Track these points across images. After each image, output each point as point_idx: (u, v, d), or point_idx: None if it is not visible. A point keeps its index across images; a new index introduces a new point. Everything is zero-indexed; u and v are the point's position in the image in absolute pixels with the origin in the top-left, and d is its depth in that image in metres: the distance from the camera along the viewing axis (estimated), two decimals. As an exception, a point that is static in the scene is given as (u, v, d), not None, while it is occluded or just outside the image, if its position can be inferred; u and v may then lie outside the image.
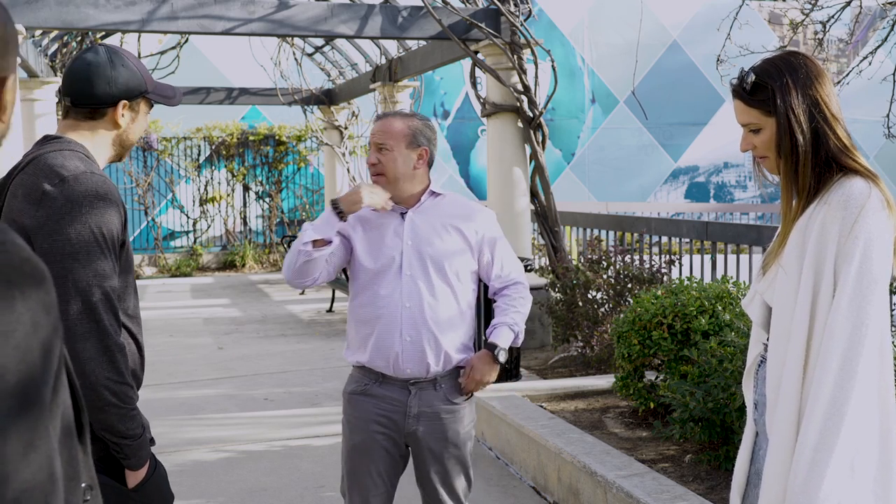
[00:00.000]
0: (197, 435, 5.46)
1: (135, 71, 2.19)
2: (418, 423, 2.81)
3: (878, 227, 1.95)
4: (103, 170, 2.25)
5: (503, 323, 2.89)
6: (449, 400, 2.84)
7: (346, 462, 2.88)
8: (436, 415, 2.83)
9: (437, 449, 2.84)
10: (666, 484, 3.69)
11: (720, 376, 3.85)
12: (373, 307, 2.80)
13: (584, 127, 17.21)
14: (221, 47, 15.01)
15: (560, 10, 16.78)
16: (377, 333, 2.78)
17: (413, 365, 2.78)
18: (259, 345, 8.36)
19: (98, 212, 2.02)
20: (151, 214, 14.81)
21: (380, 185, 2.82)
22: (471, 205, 2.96)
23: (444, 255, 2.82)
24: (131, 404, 2.04)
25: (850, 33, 7.43)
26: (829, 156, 2.01)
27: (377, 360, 2.80)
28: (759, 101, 2.06)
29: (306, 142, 15.29)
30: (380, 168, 2.81)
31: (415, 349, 2.78)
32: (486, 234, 2.90)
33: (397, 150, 2.80)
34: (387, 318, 2.78)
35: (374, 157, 2.82)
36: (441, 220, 2.86)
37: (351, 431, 2.86)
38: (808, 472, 1.89)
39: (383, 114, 2.90)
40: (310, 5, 7.52)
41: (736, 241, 6.02)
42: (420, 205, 2.86)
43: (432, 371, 2.81)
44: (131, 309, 2.19)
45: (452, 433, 2.85)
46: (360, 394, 2.85)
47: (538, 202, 7.59)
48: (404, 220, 2.84)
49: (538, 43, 7.33)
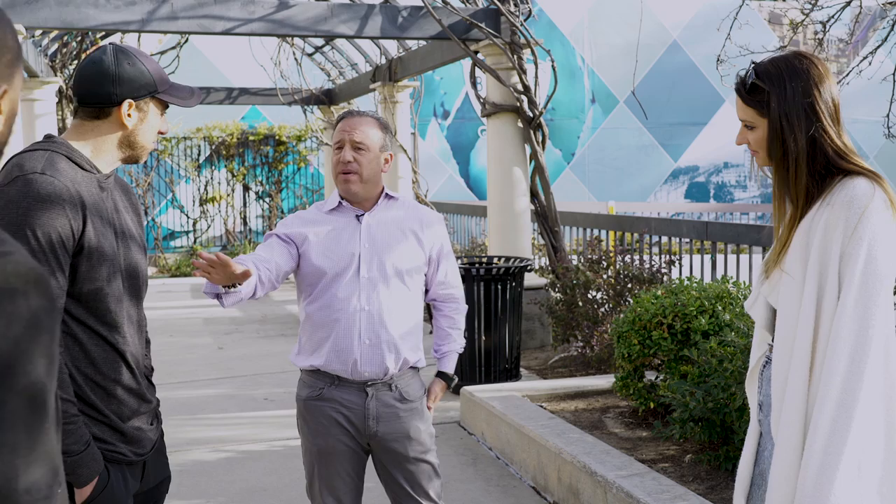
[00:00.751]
0: (197, 435, 5.46)
1: (143, 70, 2.13)
2: (378, 424, 2.80)
3: (882, 227, 1.94)
4: (115, 171, 2.19)
5: (452, 351, 3.01)
6: (405, 398, 2.85)
7: (312, 466, 2.86)
8: (394, 413, 2.82)
9: (400, 449, 2.83)
10: (666, 484, 3.69)
11: (720, 376, 3.85)
12: (329, 310, 2.76)
13: (584, 127, 17.21)
14: (221, 47, 15.01)
15: (560, 10, 16.78)
16: (334, 337, 2.76)
17: (372, 367, 2.77)
18: (259, 345, 8.36)
19: (37, 214, 1.94)
20: (151, 214, 14.81)
21: (351, 183, 2.77)
22: (424, 210, 2.96)
23: (401, 258, 2.82)
24: (67, 419, 1.95)
25: (850, 33, 7.43)
26: (827, 161, 2.01)
27: (334, 363, 2.77)
28: (755, 101, 2.07)
29: (306, 142, 15.29)
30: (354, 167, 2.77)
31: (374, 352, 2.76)
32: (439, 242, 2.92)
33: (373, 151, 2.79)
34: (345, 321, 2.75)
35: (350, 156, 2.76)
36: (397, 223, 2.85)
37: (313, 437, 2.83)
38: (819, 474, 1.88)
39: (355, 112, 2.86)
40: (310, 5, 7.52)
41: (736, 241, 6.02)
42: (376, 207, 2.85)
43: (390, 373, 2.80)
44: (110, 315, 2.10)
45: (414, 430, 2.84)
46: (317, 399, 2.82)
47: (538, 202, 7.59)
48: (360, 223, 2.82)
49: (538, 43, 7.33)
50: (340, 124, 2.82)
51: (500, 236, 7.55)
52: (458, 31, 7.47)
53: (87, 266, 2.03)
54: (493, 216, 7.68)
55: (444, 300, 3.00)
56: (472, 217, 11.48)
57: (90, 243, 2.03)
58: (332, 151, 2.85)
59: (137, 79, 2.13)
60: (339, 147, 2.80)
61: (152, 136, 2.21)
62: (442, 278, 2.95)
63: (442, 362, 3.00)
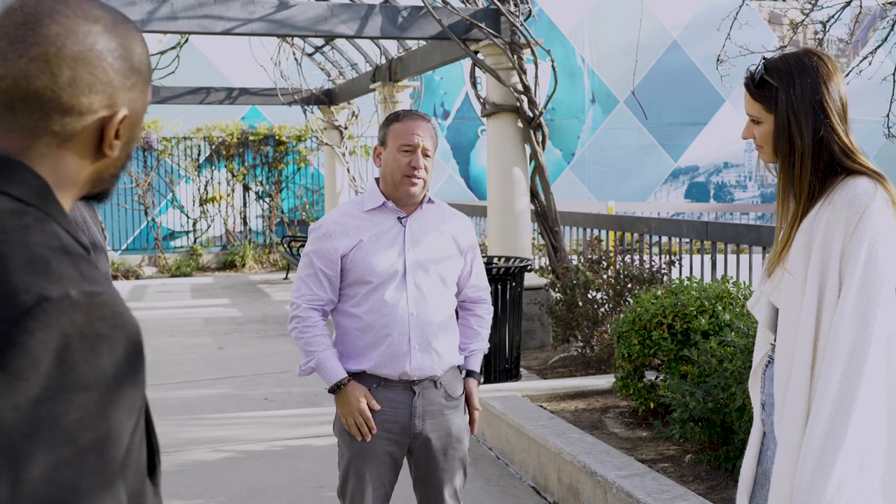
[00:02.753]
0: (197, 435, 5.46)
1: None
2: (424, 422, 2.83)
3: (883, 227, 1.94)
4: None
5: (480, 350, 3.01)
6: (449, 395, 2.88)
7: (348, 467, 2.85)
8: (440, 411, 2.85)
9: (441, 446, 2.86)
10: (666, 484, 3.69)
11: (720, 376, 3.85)
12: (377, 315, 2.78)
13: (584, 127, 17.21)
14: (221, 47, 15.01)
15: (560, 10, 16.78)
16: (387, 342, 2.77)
17: (420, 370, 2.81)
18: (259, 345, 8.35)
19: None
20: (151, 214, 14.81)
21: (417, 186, 2.78)
22: (457, 213, 3.00)
23: (443, 262, 2.85)
24: None
25: (850, 33, 7.43)
26: (832, 159, 2.01)
27: (385, 367, 2.79)
28: (763, 96, 2.07)
29: (306, 142, 15.29)
30: (423, 175, 2.78)
31: (424, 356, 2.80)
32: (471, 244, 2.97)
33: (433, 158, 2.84)
34: (395, 325, 2.77)
35: (421, 162, 2.77)
36: (437, 227, 2.88)
37: (354, 438, 2.83)
38: (814, 472, 1.89)
39: (418, 115, 2.84)
40: (310, 5, 7.52)
41: (736, 241, 6.02)
42: (418, 211, 2.86)
43: (436, 373, 2.84)
44: None
45: (456, 427, 2.88)
46: None
47: (538, 202, 7.59)
48: (404, 227, 2.83)
49: (538, 43, 7.33)
50: (410, 126, 2.79)
51: (500, 236, 7.55)
52: (458, 31, 7.47)
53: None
54: (493, 216, 7.68)
55: (475, 301, 3.02)
56: (472, 217, 11.48)
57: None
58: (392, 149, 2.80)
59: None
60: (407, 150, 2.77)
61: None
62: (474, 280, 2.99)
63: (470, 361, 2.98)
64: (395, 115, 2.87)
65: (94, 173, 1.06)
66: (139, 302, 11.40)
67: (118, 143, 1.05)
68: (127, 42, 1.04)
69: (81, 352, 0.87)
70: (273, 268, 14.84)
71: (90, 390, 0.87)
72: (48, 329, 0.86)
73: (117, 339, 0.90)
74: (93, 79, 1.00)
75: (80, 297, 0.89)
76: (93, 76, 1.00)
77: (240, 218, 15.30)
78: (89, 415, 0.87)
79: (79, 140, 1.02)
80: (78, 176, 1.04)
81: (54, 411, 0.85)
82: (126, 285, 13.05)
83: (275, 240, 15.24)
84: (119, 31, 1.03)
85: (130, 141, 1.08)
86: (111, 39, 1.02)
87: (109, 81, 1.02)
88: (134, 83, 1.05)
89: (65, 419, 0.85)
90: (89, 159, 1.04)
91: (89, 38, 1.00)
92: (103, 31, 1.02)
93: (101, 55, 1.01)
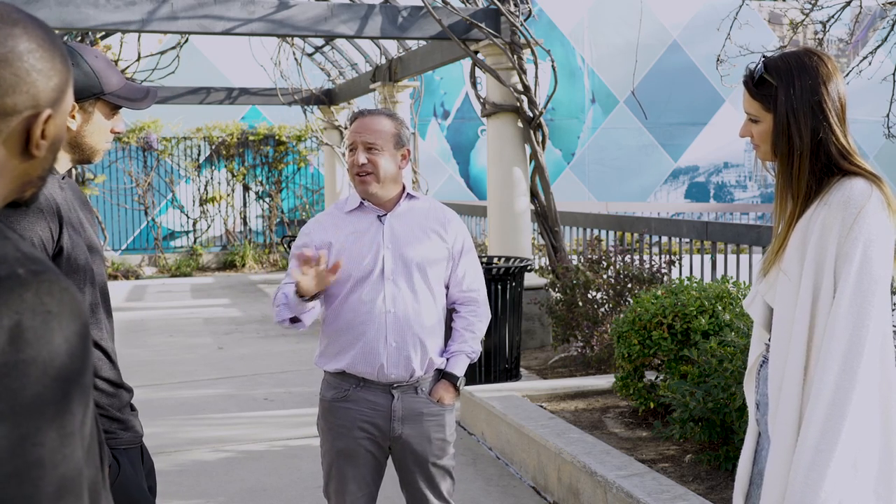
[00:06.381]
0: (197, 435, 5.46)
1: (87, 71, 2.10)
2: (403, 426, 2.80)
3: (878, 228, 1.95)
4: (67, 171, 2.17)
5: (461, 351, 2.89)
6: (430, 402, 2.84)
7: (330, 467, 2.85)
8: (419, 417, 2.82)
9: (421, 451, 2.82)
10: (666, 484, 3.69)
11: (720, 376, 3.85)
12: (355, 313, 2.75)
13: (584, 127, 17.21)
14: (221, 47, 15.01)
15: (560, 10, 16.78)
16: (362, 340, 2.75)
17: (398, 370, 2.76)
18: (259, 345, 8.36)
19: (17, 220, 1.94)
20: (151, 214, 14.81)
21: (368, 184, 2.75)
22: (446, 210, 2.93)
23: (425, 259, 2.80)
24: None
25: (850, 33, 7.43)
26: (829, 160, 2.01)
27: (360, 365, 2.76)
28: (762, 95, 2.06)
29: (306, 142, 15.29)
30: (369, 168, 2.73)
31: (400, 354, 2.75)
32: (462, 243, 2.89)
33: (387, 149, 2.75)
34: (371, 323, 2.74)
35: (364, 158, 2.73)
36: (419, 223, 2.83)
37: (334, 438, 2.82)
38: (808, 473, 1.89)
39: (366, 111, 2.81)
40: (310, 5, 7.52)
41: (736, 241, 6.02)
42: (398, 208, 2.82)
43: (416, 375, 2.80)
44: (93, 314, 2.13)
45: (437, 434, 2.84)
46: (342, 400, 2.81)
47: (538, 202, 7.59)
48: (383, 224, 2.80)
49: (538, 43, 7.33)
50: (353, 125, 2.78)
51: (500, 236, 7.55)
52: (458, 31, 7.47)
53: (65, 270, 2.04)
54: (492, 216, 7.68)
55: (463, 302, 2.92)
56: (472, 217, 11.48)
57: (66, 249, 2.04)
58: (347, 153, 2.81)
59: (79, 80, 2.08)
60: (352, 149, 2.76)
61: (102, 136, 2.17)
62: (464, 280, 2.90)
63: (450, 362, 2.87)
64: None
65: (22, 174, 1.08)
66: (139, 302, 11.39)
67: (45, 142, 1.07)
68: (47, 44, 1.06)
69: (33, 329, 0.88)
70: (273, 268, 14.84)
71: (46, 366, 0.89)
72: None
73: (66, 315, 0.92)
74: (15, 79, 1.02)
75: (27, 275, 0.90)
76: (15, 76, 1.02)
77: (240, 218, 15.31)
78: (46, 389, 0.88)
79: (6, 141, 1.04)
80: (6, 176, 1.06)
81: (11, 387, 0.86)
82: (126, 285, 13.05)
83: (275, 240, 15.24)
84: (38, 34, 1.05)
85: (56, 141, 1.09)
86: (31, 41, 1.04)
87: (33, 82, 1.03)
88: (57, 84, 1.07)
89: (21, 395, 0.87)
90: (16, 160, 1.06)
91: (9, 40, 1.02)
92: (23, 33, 1.03)
93: (22, 56, 1.02)
